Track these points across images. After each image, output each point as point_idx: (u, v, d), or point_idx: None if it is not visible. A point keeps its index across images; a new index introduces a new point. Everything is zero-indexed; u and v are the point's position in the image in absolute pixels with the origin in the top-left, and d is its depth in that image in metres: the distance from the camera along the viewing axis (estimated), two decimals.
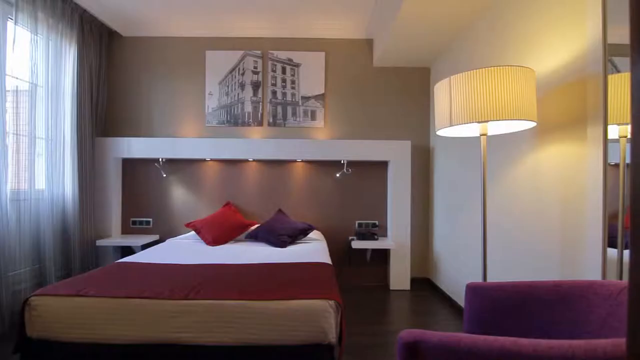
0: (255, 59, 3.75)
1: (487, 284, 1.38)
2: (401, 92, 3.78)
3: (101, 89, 3.58)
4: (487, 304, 1.37)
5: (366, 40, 3.78)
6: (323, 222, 3.71)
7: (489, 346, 0.76)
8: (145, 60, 3.79)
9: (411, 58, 3.54)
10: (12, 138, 2.64)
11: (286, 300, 1.63)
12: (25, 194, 2.71)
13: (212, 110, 3.76)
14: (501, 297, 1.36)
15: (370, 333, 2.47)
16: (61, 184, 3.06)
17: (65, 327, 1.61)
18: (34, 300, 1.64)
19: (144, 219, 3.74)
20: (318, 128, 3.76)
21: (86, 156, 3.32)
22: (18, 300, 2.57)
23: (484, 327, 1.38)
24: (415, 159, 3.74)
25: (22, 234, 2.65)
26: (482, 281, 1.77)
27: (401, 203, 3.52)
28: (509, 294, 1.35)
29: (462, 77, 1.63)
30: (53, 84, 2.95)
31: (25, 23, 2.70)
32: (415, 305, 3.08)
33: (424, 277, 3.75)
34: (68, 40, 3.12)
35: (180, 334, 1.60)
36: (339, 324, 1.64)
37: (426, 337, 0.81)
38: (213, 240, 3.04)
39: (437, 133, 1.88)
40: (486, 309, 1.37)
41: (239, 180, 3.74)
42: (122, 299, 1.64)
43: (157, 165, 3.70)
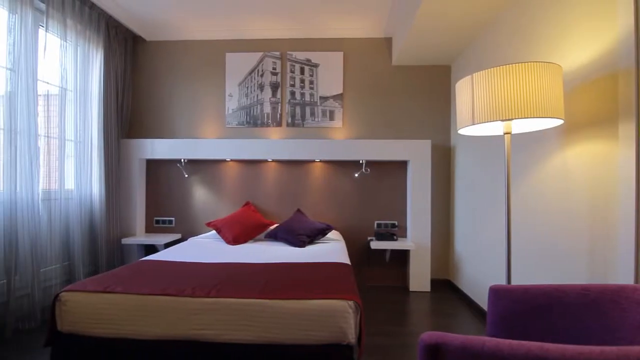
0: (274, 60, 3.78)
1: (512, 287, 1.35)
2: (421, 90, 3.73)
3: (126, 92, 3.70)
4: (511, 307, 1.33)
5: (385, 39, 3.75)
6: (342, 222, 3.71)
7: (514, 350, 0.74)
8: (168, 63, 3.88)
9: (431, 56, 3.48)
10: (43, 140, 2.77)
11: (306, 299, 1.64)
12: (55, 194, 2.83)
13: (232, 112, 3.82)
14: (526, 301, 1.32)
15: (389, 334, 2.45)
16: (89, 184, 3.18)
17: (92, 322, 1.67)
18: (64, 296, 1.71)
19: (166, 218, 3.83)
20: (336, 128, 3.76)
21: (112, 157, 3.44)
22: (49, 295, 2.69)
23: (507, 331, 1.34)
24: (435, 158, 3.68)
25: (52, 232, 2.77)
26: (506, 283, 1.72)
27: (421, 203, 3.47)
28: (534, 297, 1.31)
29: (485, 74, 1.59)
30: (81, 88, 3.07)
31: (55, 30, 2.82)
32: (436, 307, 3.03)
33: (444, 278, 3.69)
34: (95, 46, 3.24)
35: (202, 331, 1.63)
36: (358, 324, 1.63)
37: (448, 339, 0.79)
38: (233, 240, 3.09)
39: (459, 132, 1.84)
40: (510, 312, 1.33)
41: (258, 181, 3.78)
42: (146, 295, 1.69)
43: (179, 166, 3.80)
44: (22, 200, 2.44)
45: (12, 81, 2.40)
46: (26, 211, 2.47)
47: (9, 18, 2.39)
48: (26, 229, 2.47)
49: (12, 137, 2.39)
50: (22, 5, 2.44)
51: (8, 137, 2.37)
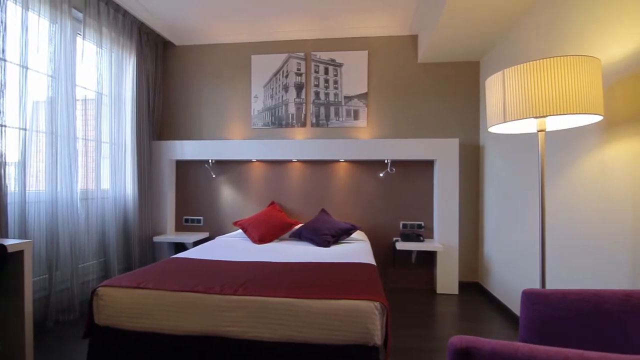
0: (299, 60, 3.80)
1: (546, 291, 1.29)
2: (448, 88, 3.64)
3: (157, 95, 3.84)
4: (546, 312, 1.27)
5: (410, 36, 3.68)
6: (366, 222, 3.68)
7: (551, 357, 0.70)
8: (196, 67, 3.99)
9: (459, 52, 3.39)
10: (81, 143, 2.92)
11: (331, 299, 1.64)
12: (92, 194, 2.98)
13: (257, 113, 3.88)
14: (562, 306, 1.26)
15: (416, 336, 2.41)
16: (123, 184, 3.32)
17: (127, 316, 1.75)
18: (101, 291, 1.79)
19: (195, 217, 3.95)
20: (361, 127, 3.73)
21: (144, 158, 3.58)
22: (87, 290, 2.84)
23: (542, 337, 1.28)
24: (463, 157, 3.59)
25: (90, 230, 2.92)
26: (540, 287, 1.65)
27: (449, 203, 3.39)
28: (571, 302, 1.25)
29: (517, 69, 1.53)
30: (115, 92, 3.21)
31: (92, 37, 2.96)
32: (464, 311, 2.95)
33: (473, 281, 3.58)
34: (128, 52, 3.38)
35: (229, 327, 1.66)
36: (384, 326, 1.61)
37: (479, 344, 0.77)
38: (259, 239, 3.13)
39: (489, 130, 1.78)
40: (545, 317, 1.28)
41: (283, 180, 3.82)
42: (176, 292, 1.74)
43: (207, 166, 3.90)
44: (62, 200, 2.59)
45: (53, 87, 2.54)
46: (66, 210, 2.61)
47: (50, 28, 2.53)
48: (66, 227, 2.61)
49: (53, 140, 2.54)
50: (62, 15, 2.58)
51: (50, 140, 2.52)
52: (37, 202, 2.45)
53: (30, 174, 2.41)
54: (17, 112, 2.29)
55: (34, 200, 2.43)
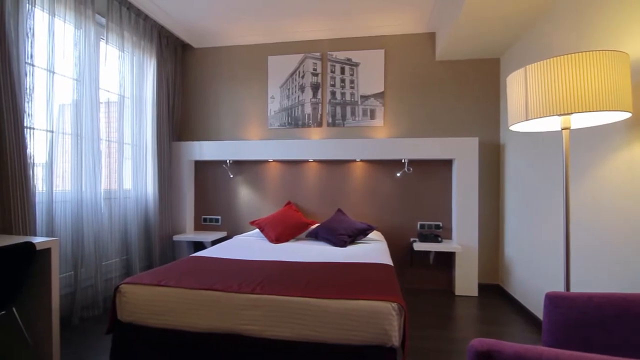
0: (315, 61, 3.81)
1: (571, 294, 1.25)
2: (467, 86, 3.57)
3: (176, 97, 3.92)
4: (571, 316, 1.23)
5: (428, 34, 3.63)
6: (383, 223, 3.65)
7: None
8: (214, 69, 4.06)
9: (478, 49, 3.32)
10: (104, 144, 3.01)
11: (348, 300, 1.63)
12: (115, 193, 3.07)
13: (274, 113, 3.90)
14: (588, 310, 1.22)
15: (434, 338, 2.37)
16: (144, 184, 3.41)
17: (148, 313, 1.79)
18: (123, 288, 1.84)
19: (213, 216, 4.01)
20: (377, 127, 3.71)
21: (164, 159, 3.65)
22: (110, 287, 2.92)
23: (566, 341, 1.24)
24: (483, 156, 3.51)
25: (113, 229, 3.00)
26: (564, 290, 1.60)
27: (468, 203, 3.32)
28: (597, 306, 1.21)
29: (540, 66, 1.49)
30: (137, 95, 3.29)
31: (114, 42, 3.05)
32: (484, 313, 2.88)
33: (493, 283, 3.50)
34: (148, 55, 3.46)
35: (247, 326, 1.68)
36: (402, 327, 1.60)
37: (501, 347, 0.75)
38: (276, 238, 3.15)
39: (510, 128, 1.74)
40: (569, 321, 1.24)
41: (299, 180, 3.83)
42: (196, 290, 1.78)
43: (225, 167, 3.95)
44: (86, 199, 2.67)
45: (78, 90, 2.63)
46: (90, 209, 2.70)
47: (75, 33, 2.62)
48: (90, 225, 2.70)
49: (78, 142, 2.63)
50: (86, 20, 2.66)
51: (75, 142, 2.61)
52: (63, 202, 2.54)
53: (57, 175, 2.50)
54: (44, 115, 2.39)
55: (60, 200, 2.52)
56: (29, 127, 2.22)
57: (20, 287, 1.76)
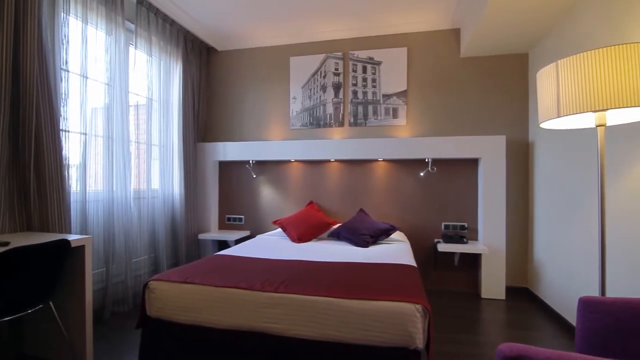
0: (337, 60, 3.80)
1: (607, 299, 1.19)
2: (493, 82, 3.46)
3: (201, 99, 4.01)
4: (606, 322, 1.17)
5: (452, 30, 3.55)
6: (406, 223, 3.60)
7: None
8: (237, 71, 4.13)
9: (505, 44, 3.21)
10: (133, 145, 3.12)
11: (371, 300, 1.62)
12: (143, 193, 3.18)
13: (295, 114, 3.93)
14: (624, 316, 1.15)
15: (460, 342, 2.31)
16: (170, 184, 3.51)
17: (175, 309, 1.84)
18: (152, 284, 1.90)
19: (237, 216, 4.08)
20: (400, 126, 3.66)
21: (189, 160, 3.75)
22: (139, 283, 3.03)
23: (600, 348, 1.18)
24: (510, 155, 3.40)
25: (142, 227, 3.11)
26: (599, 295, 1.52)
27: (495, 204, 3.22)
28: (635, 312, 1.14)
29: (574, 60, 1.42)
30: (164, 98, 3.39)
31: (142, 47, 3.16)
32: (512, 317, 2.79)
33: (521, 286, 3.38)
34: (175, 59, 3.56)
35: (270, 324, 1.70)
36: (426, 329, 1.57)
37: (531, 353, 0.72)
38: (298, 238, 3.17)
39: (541, 126, 1.67)
40: (604, 327, 1.18)
41: (321, 180, 3.84)
42: (220, 288, 1.81)
43: (248, 167, 4.02)
44: (117, 199, 2.78)
45: (109, 94, 2.74)
46: (121, 208, 2.80)
47: (106, 39, 2.73)
48: (121, 224, 2.81)
49: (109, 144, 2.74)
50: (116, 27, 2.77)
51: (106, 144, 2.72)
52: (95, 201, 2.66)
53: (90, 175, 2.61)
54: (78, 118, 2.50)
55: (93, 199, 2.64)
56: (64, 130, 2.34)
57: (56, 282, 1.85)
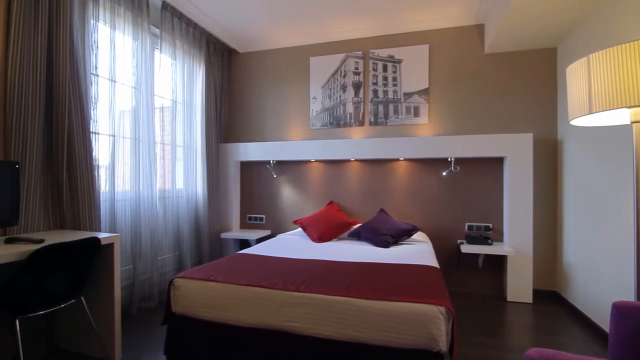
0: (357, 59, 3.78)
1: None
2: (519, 79, 3.35)
3: (223, 101, 4.09)
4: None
5: (475, 26, 3.46)
6: (428, 223, 3.54)
7: None
8: (258, 72, 4.18)
9: (532, 39, 3.11)
10: (159, 147, 3.21)
11: (393, 301, 1.60)
12: (168, 193, 3.27)
13: (315, 114, 3.94)
14: None
15: (485, 346, 2.25)
16: (194, 184, 3.59)
17: (199, 306, 1.88)
18: (177, 282, 1.95)
19: (258, 215, 4.13)
20: (422, 124, 3.60)
21: (212, 160, 3.83)
22: (164, 280, 3.11)
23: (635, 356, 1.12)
24: (537, 153, 3.28)
25: (167, 226, 3.20)
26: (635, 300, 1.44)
27: (521, 204, 3.12)
28: None
29: (607, 53, 1.35)
30: (187, 100, 3.48)
31: (167, 51, 3.25)
32: (539, 321, 2.69)
33: (550, 289, 3.26)
34: (198, 62, 3.64)
35: (291, 323, 1.71)
36: (450, 332, 1.54)
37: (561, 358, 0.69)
38: (318, 238, 3.18)
39: (571, 123, 1.60)
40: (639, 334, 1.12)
41: (341, 180, 3.83)
42: (243, 286, 1.84)
43: (268, 167, 4.06)
44: (144, 198, 2.87)
45: (135, 97, 2.84)
46: (147, 208, 2.89)
47: (133, 44, 2.82)
48: (147, 222, 2.89)
49: (136, 145, 2.83)
50: (142, 32, 2.86)
51: (133, 145, 2.81)
52: (123, 201, 2.75)
53: (118, 176, 2.71)
54: (107, 121, 2.60)
55: (121, 199, 2.73)
56: (94, 132, 2.44)
57: (87, 278, 1.93)
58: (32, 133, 2.05)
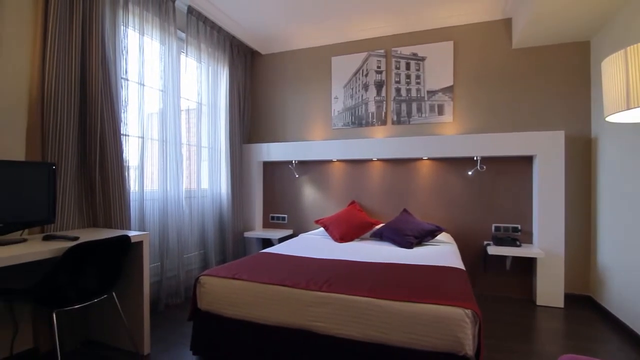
0: (379, 58, 3.75)
1: None
2: (549, 74, 3.22)
3: (246, 102, 4.15)
4: None
5: (502, 20, 3.35)
6: (452, 224, 3.46)
7: None
8: (280, 73, 4.21)
9: (564, 32, 2.98)
10: (185, 148, 3.30)
11: (418, 303, 1.58)
12: (194, 193, 3.35)
13: (337, 114, 3.93)
14: None
15: (513, 351, 2.18)
16: (218, 184, 3.67)
17: (224, 303, 1.92)
18: (203, 279, 2.00)
19: (280, 215, 4.17)
20: (446, 123, 3.52)
21: (236, 160, 3.90)
22: (190, 278, 3.20)
23: None
24: (569, 151, 3.14)
25: (192, 225, 3.28)
26: None
27: (552, 204, 3.00)
28: None
29: None
30: (212, 102, 3.55)
31: (193, 54, 3.33)
32: (571, 327, 2.58)
33: (583, 294, 3.12)
34: (222, 64, 3.72)
35: (314, 322, 1.72)
36: (476, 336, 1.50)
37: None
38: (340, 237, 3.17)
39: (607, 119, 1.53)
40: None
41: (363, 180, 3.80)
42: (267, 285, 1.86)
43: (290, 167, 4.09)
44: (171, 198, 2.96)
45: (163, 100, 2.92)
46: (174, 207, 2.98)
47: (160, 49, 2.91)
48: (174, 221, 2.98)
49: (163, 146, 2.92)
50: (169, 36, 2.94)
51: (161, 146, 2.90)
52: (151, 200, 2.85)
53: (146, 176, 2.80)
54: (136, 123, 2.69)
55: (150, 199, 2.83)
56: (125, 134, 2.53)
57: (119, 274, 2.01)
58: (67, 135, 2.16)
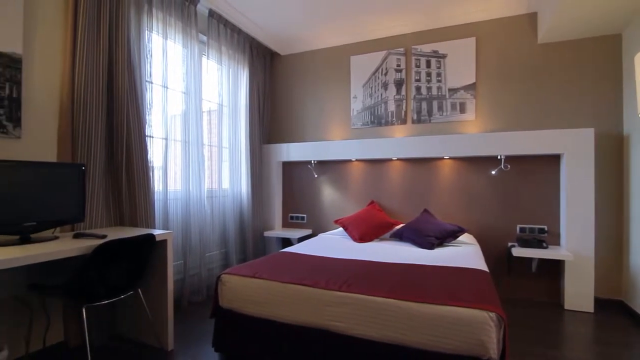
0: (399, 56, 3.70)
1: None
2: (578, 69, 3.10)
3: (266, 102, 4.20)
4: None
5: (527, 15, 3.25)
6: (475, 225, 3.38)
7: None
8: (299, 73, 4.24)
9: (592, 25, 2.85)
10: (207, 149, 3.36)
11: (440, 305, 1.55)
12: (215, 192, 3.41)
13: (356, 113, 3.91)
14: None
15: (541, 356, 2.11)
16: (239, 184, 3.72)
17: (245, 301, 1.95)
18: (224, 277, 2.04)
19: (299, 214, 4.19)
20: (468, 121, 3.44)
21: (256, 161, 3.95)
22: (212, 276, 3.26)
23: None
24: (599, 149, 3.01)
25: (214, 224, 3.35)
26: None
27: (581, 205, 2.88)
28: None
29: None
30: (232, 103, 3.61)
31: (214, 57, 3.39)
32: (602, 333, 2.47)
33: (614, 298, 2.98)
34: (242, 66, 3.77)
35: (333, 322, 1.72)
36: (501, 340, 1.46)
37: None
38: (359, 238, 3.15)
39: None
40: None
41: (383, 180, 3.77)
42: (287, 284, 1.88)
43: (309, 167, 4.10)
44: (193, 197, 3.02)
45: (185, 102, 2.99)
46: (196, 206, 3.04)
47: (182, 52, 2.98)
48: (196, 220, 3.05)
49: (186, 147, 2.98)
50: (191, 40, 3.01)
51: (183, 147, 2.97)
52: (175, 200, 2.92)
53: (170, 176, 2.88)
54: (160, 125, 2.77)
55: (173, 198, 2.90)
56: (149, 135, 2.61)
57: (144, 271, 2.07)
58: (95, 137, 2.25)
